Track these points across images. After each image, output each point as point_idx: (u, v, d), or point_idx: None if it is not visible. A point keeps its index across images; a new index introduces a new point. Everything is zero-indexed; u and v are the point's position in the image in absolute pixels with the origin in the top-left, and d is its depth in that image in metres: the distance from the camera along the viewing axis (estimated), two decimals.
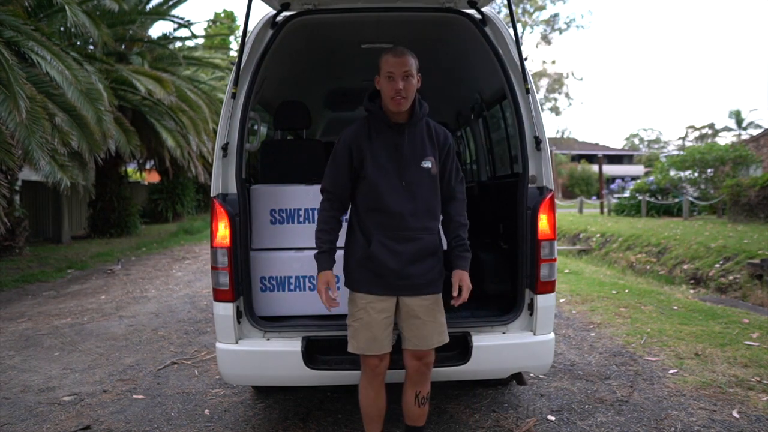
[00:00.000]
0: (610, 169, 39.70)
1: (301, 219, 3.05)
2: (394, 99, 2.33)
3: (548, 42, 40.78)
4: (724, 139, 45.83)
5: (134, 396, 3.70)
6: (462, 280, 2.47)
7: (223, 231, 2.71)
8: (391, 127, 2.42)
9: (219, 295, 2.75)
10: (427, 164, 2.43)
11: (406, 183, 2.40)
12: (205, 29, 28.75)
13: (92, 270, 9.59)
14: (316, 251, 2.44)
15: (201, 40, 21.62)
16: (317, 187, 3.06)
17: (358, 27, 3.48)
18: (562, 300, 6.45)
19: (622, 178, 30.49)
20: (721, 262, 9.55)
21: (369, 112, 2.48)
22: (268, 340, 2.80)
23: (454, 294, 2.45)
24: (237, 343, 2.76)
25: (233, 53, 23.42)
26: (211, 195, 2.79)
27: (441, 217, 2.54)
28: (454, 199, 2.55)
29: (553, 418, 3.23)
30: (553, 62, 64.43)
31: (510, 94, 2.91)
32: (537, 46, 43.55)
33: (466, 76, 4.32)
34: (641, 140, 65.62)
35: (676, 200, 18.67)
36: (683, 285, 9.43)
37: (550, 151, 3.05)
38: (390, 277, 2.40)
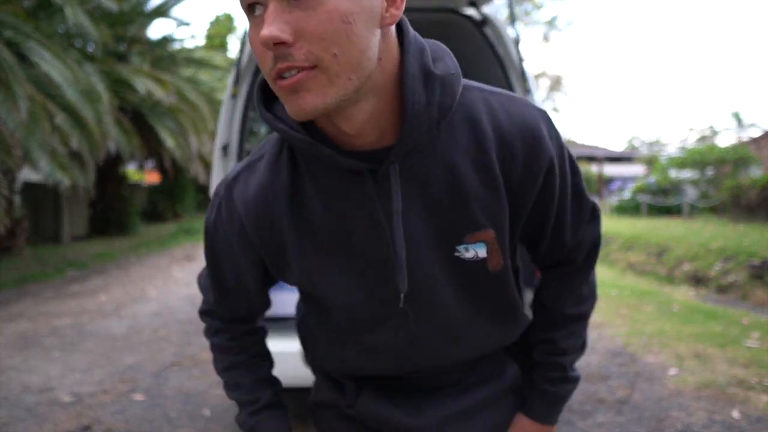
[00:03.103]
0: (610, 170, 39.70)
1: None
2: (276, 82, 0.70)
3: (548, 41, 40.83)
4: (725, 140, 45.90)
5: (134, 396, 3.70)
6: None
7: None
8: (350, 168, 0.78)
9: None
10: (476, 250, 0.88)
11: (413, 299, 0.90)
12: (206, 30, 28.82)
13: (91, 270, 9.60)
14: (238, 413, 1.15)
15: (201, 41, 21.66)
16: None
17: None
18: None
19: (623, 178, 30.47)
20: (721, 263, 9.53)
21: (281, 134, 0.79)
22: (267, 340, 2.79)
23: None
24: None
25: (233, 55, 23.45)
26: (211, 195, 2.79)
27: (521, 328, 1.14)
28: (571, 264, 1.05)
29: None
30: (553, 62, 64.51)
31: None
32: (537, 46, 43.59)
33: (466, 76, 4.33)
34: (642, 141, 65.73)
35: (677, 201, 18.68)
36: (683, 285, 9.42)
37: None
38: None
